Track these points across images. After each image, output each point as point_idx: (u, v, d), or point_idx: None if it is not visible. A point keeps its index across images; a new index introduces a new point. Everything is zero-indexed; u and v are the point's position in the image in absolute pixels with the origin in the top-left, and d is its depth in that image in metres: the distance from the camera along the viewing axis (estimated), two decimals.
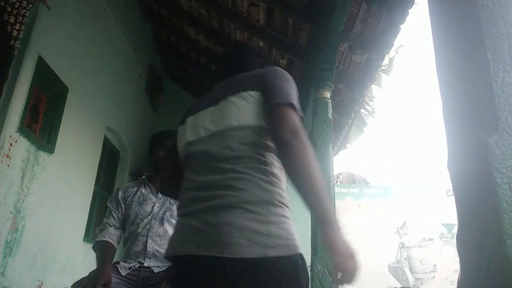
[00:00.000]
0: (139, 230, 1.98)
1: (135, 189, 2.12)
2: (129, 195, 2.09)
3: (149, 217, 2.00)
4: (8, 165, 2.80)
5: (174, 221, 2.02)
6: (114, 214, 2.05)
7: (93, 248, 2.00)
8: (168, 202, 2.08)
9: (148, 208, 2.03)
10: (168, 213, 2.04)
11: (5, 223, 2.80)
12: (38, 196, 3.20)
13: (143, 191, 2.10)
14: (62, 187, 3.62)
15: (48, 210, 3.37)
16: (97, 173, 4.48)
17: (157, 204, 2.05)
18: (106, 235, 1.98)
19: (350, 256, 0.89)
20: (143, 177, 2.22)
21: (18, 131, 2.90)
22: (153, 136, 2.20)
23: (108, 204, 2.10)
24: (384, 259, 9.28)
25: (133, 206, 2.04)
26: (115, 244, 1.99)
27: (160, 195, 2.08)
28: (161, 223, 2.00)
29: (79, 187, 4.02)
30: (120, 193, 2.10)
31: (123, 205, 2.07)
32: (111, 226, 2.02)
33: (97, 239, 1.98)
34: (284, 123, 1.01)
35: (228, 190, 1.00)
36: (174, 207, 2.05)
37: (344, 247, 0.89)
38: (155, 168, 2.13)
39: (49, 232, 3.40)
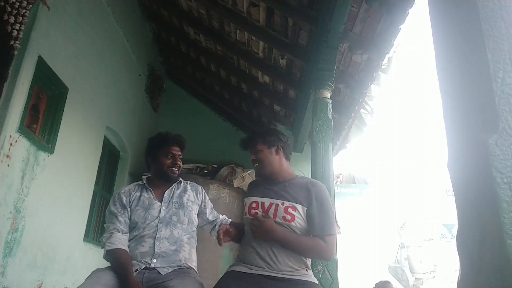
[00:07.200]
0: (145, 232, 1.96)
1: (138, 193, 2.09)
2: (133, 200, 2.06)
3: (156, 220, 1.99)
4: (8, 165, 2.80)
5: (180, 225, 2.01)
6: (120, 219, 1.99)
7: (105, 257, 1.93)
8: (174, 206, 2.06)
9: (154, 213, 2.02)
10: (175, 217, 2.03)
11: (5, 223, 2.80)
12: (38, 196, 3.19)
13: (146, 195, 2.08)
14: (62, 187, 3.61)
15: (48, 210, 3.36)
16: (97, 173, 4.47)
17: (163, 208, 2.04)
18: (116, 242, 1.90)
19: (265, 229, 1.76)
20: (143, 181, 2.17)
21: (18, 131, 2.89)
22: (153, 138, 2.20)
23: (113, 209, 2.03)
24: (384, 259, 9.27)
25: (139, 211, 2.02)
26: (127, 250, 1.93)
27: (165, 199, 2.07)
28: (168, 226, 1.99)
29: (79, 187, 4.02)
30: (123, 198, 2.05)
31: (129, 209, 2.03)
32: (119, 232, 1.96)
33: (108, 248, 1.89)
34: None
35: None
36: (180, 211, 2.05)
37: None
38: (157, 171, 2.14)
39: (49, 232, 3.39)
